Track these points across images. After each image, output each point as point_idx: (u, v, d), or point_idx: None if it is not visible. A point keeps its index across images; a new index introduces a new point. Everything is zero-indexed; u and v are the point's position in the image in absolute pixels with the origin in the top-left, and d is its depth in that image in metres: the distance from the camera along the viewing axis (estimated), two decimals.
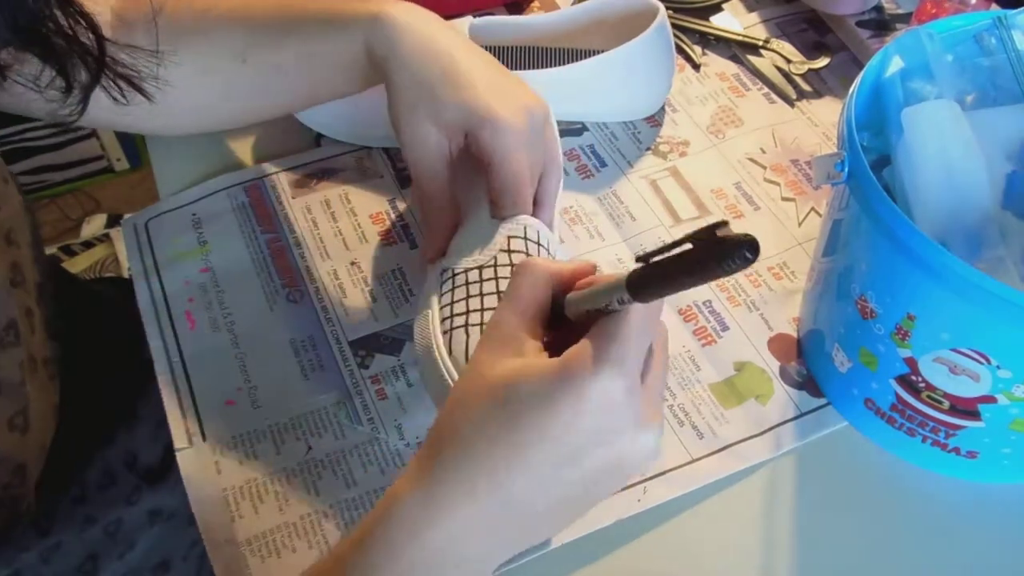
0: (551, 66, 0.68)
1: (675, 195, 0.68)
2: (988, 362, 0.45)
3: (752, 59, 0.77)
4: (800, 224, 0.66)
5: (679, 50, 0.76)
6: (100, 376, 0.66)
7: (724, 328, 0.60)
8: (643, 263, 0.35)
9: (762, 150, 0.71)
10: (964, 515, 0.53)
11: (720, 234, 0.32)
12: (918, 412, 0.51)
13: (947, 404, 0.49)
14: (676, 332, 0.60)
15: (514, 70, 0.69)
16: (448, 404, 0.40)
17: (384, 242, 0.65)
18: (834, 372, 0.55)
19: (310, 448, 0.55)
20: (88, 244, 1.59)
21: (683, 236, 0.33)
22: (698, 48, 0.78)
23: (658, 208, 0.67)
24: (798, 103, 0.74)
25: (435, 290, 0.53)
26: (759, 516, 0.53)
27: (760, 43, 0.77)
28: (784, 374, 0.58)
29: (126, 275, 0.65)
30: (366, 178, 0.69)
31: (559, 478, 0.38)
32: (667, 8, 0.70)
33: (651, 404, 0.39)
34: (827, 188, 0.52)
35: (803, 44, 0.78)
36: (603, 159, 0.70)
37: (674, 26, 0.77)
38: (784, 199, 0.68)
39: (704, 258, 0.32)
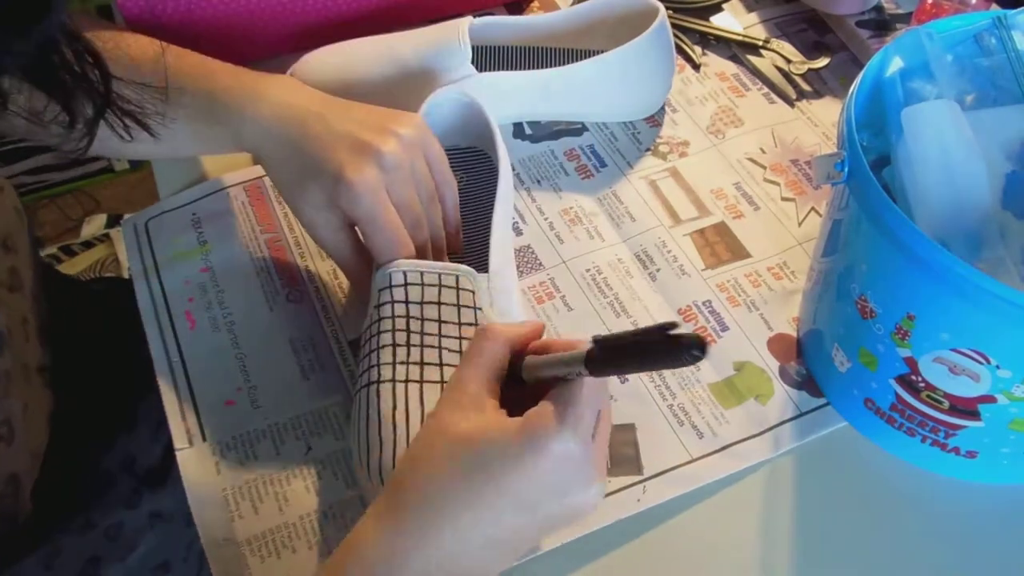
0: (551, 66, 0.68)
1: (675, 195, 0.68)
2: (988, 362, 0.45)
3: (752, 59, 0.77)
4: (800, 224, 0.66)
5: (679, 50, 0.76)
6: (99, 379, 0.66)
7: (724, 328, 0.60)
8: (599, 344, 0.40)
9: (762, 150, 0.71)
10: (963, 515, 0.53)
11: (672, 333, 0.36)
12: (918, 412, 0.51)
13: (947, 404, 0.49)
14: None
15: (514, 70, 0.69)
16: (408, 457, 0.43)
17: None
18: (834, 372, 0.55)
19: (310, 448, 0.55)
20: (88, 244, 1.59)
21: (638, 329, 0.38)
22: (698, 48, 0.78)
23: (658, 208, 0.67)
24: (798, 103, 0.74)
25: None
26: (759, 516, 0.53)
27: (760, 43, 0.77)
28: (784, 374, 0.58)
29: (126, 275, 0.65)
30: None
31: (517, 525, 0.41)
32: (667, 8, 0.70)
33: (599, 460, 0.43)
34: (827, 188, 0.52)
35: (803, 44, 0.78)
36: (603, 159, 0.70)
37: (674, 26, 0.77)
38: (784, 199, 0.68)
39: (655, 353, 0.37)
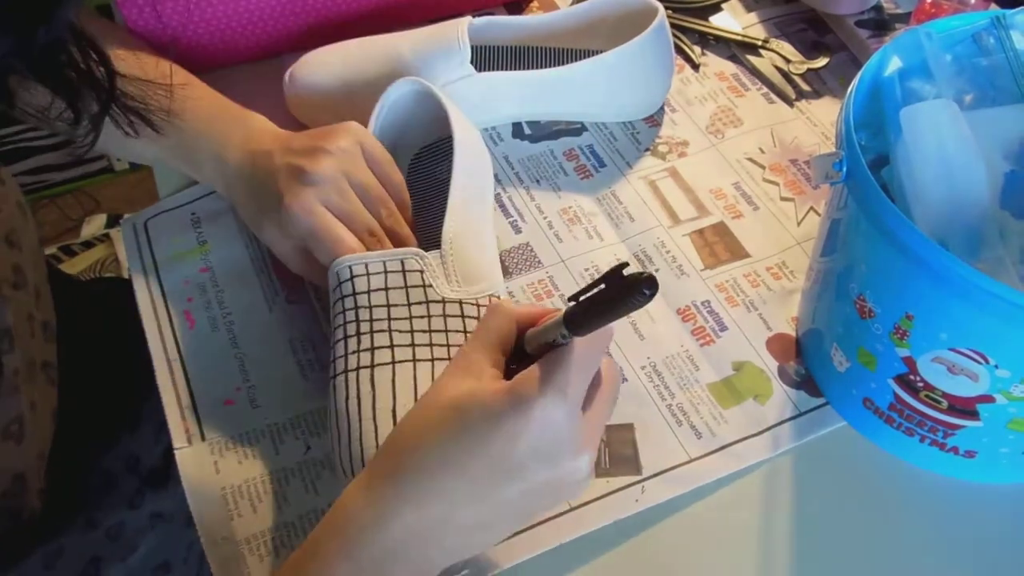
0: (551, 66, 0.68)
1: (674, 195, 0.68)
2: (986, 362, 0.45)
3: (751, 59, 0.77)
4: (799, 224, 0.66)
5: (678, 50, 0.76)
6: (100, 378, 0.66)
7: (723, 328, 0.60)
8: (573, 301, 0.39)
9: (761, 150, 0.71)
10: (963, 515, 0.53)
11: (624, 273, 0.37)
12: (916, 412, 0.51)
13: (945, 404, 0.49)
14: (675, 332, 0.60)
15: (514, 70, 0.69)
16: (400, 425, 0.44)
17: None
18: (833, 372, 0.55)
19: (309, 448, 0.55)
20: (88, 244, 1.59)
21: (598, 278, 0.38)
22: (697, 48, 0.78)
23: (657, 208, 0.67)
24: (797, 103, 0.74)
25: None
26: (758, 516, 0.53)
27: (759, 43, 0.77)
28: (783, 374, 0.58)
29: (126, 275, 0.65)
30: None
31: (499, 492, 0.41)
32: (666, 8, 0.70)
33: (589, 432, 0.42)
34: (826, 188, 0.52)
35: (802, 44, 0.78)
36: (602, 159, 0.70)
37: (673, 26, 0.77)
38: (783, 199, 0.68)
39: (613, 296, 0.37)
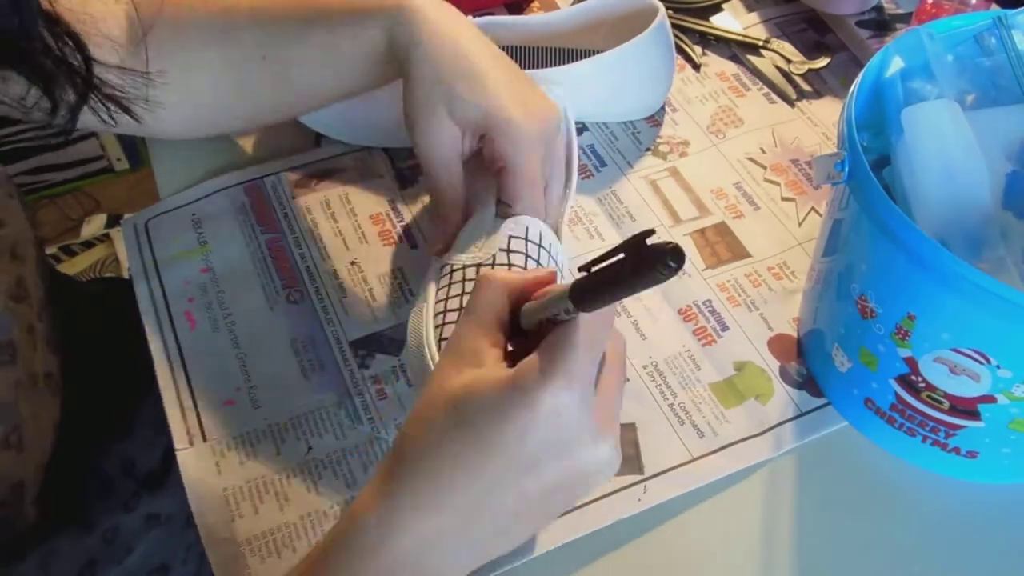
0: (551, 66, 0.68)
1: (675, 195, 0.68)
2: (988, 362, 0.45)
3: (752, 59, 0.77)
4: (800, 224, 0.66)
5: (679, 50, 0.76)
6: (100, 379, 0.66)
7: (724, 328, 0.60)
8: (584, 272, 0.36)
9: (762, 150, 0.71)
10: (964, 515, 0.53)
11: (649, 243, 0.32)
12: (918, 412, 0.51)
13: (947, 404, 0.49)
14: (676, 332, 0.60)
15: None
16: (409, 418, 0.40)
17: (384, 242, 0.65)
18: (834, 372, 0.55)
19: (310, 448, 0.55)
20: (88, 244, 1.59)
21: (616, 246, 0.34)
22: (698, 48, 0.78)
23: (658, 208, 0.67)
24: (798, 103, 0.74)
25: (433, 284, 0.53)
26: (759, 516, 0.53)
27: (760, 43, 0.77)
28: (784, 374, 0.58)
29: (126, 275, 0.65)
30: (366, 178, 0.69)
31: (517, 490, 0.38)
32: (667, 8, 0.70)
33: (606, 413, 0.39)
34: (827, 188, 0.52)
35: (803, 44, 0.78)
36: (603, 159, 0.70)
37: (674, 26, 0.77)
38: (784, 199, 0.68)
39: (634, 267, 0.33)
